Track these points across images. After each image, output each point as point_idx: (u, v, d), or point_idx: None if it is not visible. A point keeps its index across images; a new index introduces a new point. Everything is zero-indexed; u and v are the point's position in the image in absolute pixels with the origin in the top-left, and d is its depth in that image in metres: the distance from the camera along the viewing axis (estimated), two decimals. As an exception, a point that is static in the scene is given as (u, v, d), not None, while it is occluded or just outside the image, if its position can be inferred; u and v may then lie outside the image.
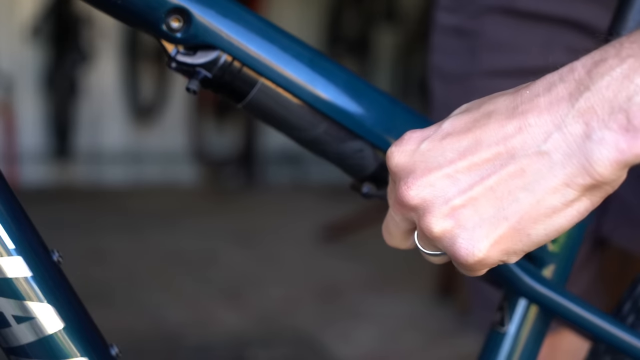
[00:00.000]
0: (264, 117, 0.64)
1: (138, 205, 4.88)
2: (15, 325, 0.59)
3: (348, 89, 0.64)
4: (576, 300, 0.66)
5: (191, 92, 0.61)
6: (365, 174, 0.66)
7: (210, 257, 3.75)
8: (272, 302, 3.13)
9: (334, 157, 0.65)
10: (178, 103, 5.67)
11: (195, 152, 5.67)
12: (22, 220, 0.60)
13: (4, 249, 0.58)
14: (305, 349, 2.65)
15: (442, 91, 1.06)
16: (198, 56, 0.61)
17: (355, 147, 0.65)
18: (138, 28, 0.62)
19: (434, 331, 2.86)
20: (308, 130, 0.64)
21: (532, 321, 0.69)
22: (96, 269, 3.42)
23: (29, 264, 0.59)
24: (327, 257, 3.83)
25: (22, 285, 0.59)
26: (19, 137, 5.27)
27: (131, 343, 2.57)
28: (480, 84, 1.00)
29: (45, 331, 0.59)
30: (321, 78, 0.63)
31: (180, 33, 0.60)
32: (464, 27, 1.02)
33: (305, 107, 0.63)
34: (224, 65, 0.61)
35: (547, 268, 0.69)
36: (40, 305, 0.59)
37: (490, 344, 0.71)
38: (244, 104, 0.63)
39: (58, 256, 0.61)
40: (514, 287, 0.67)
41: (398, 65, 6.31)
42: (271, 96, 0.63)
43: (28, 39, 5.25)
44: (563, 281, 0.70)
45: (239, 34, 0.61)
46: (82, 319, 0.61)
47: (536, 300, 0.67)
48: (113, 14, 0.61)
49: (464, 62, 1.02)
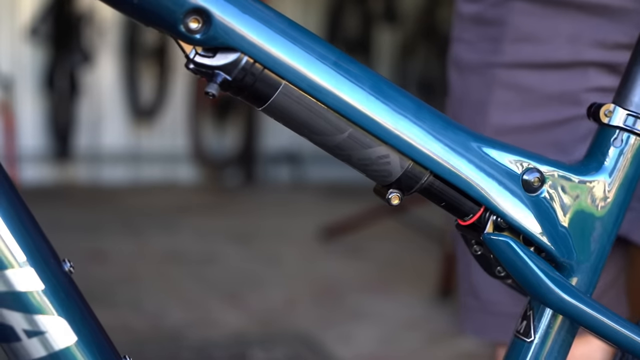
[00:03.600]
0: (286, 121, 0.62)
1: (138, 205, 4.87)
2: (26, 339, 0.56)
3: (374, 93, 0.61)
4: (603, 311, 0.65)
5: (210, 95, 0.58)
6: (390, 180, 0.63)
7: (210, 257, 3.75)
8: (272, 302, 3.13)
9: (358, 163, 0.63)
10: (178, 103, 5.67)
11: (195, 152, 5.67)
12: (33, 230, 0.57)
13: (15, 261, 0.56)
14: (305, 349, 2.65)
15: (460, 82, 1.03)
16: (217, 58, 0.58)
17: (380, 153, 0.62)
18: (155, 28, 0.59)
19: (434, 331, 2.86)
20: (332, 136, 0.61)
21: (558, 331, 0.67)
22: (96, 268, 3.42)
23: (41, 276, 0.56)
24: (327, 257, 3.83)
25: (33, 299, 0.56)
26: (18, 137, 5.26)
27: (131, 343, 2.57)
28: (501, 76, 0.97)
29: (57, 346, 0.57)
30: (346, 81, 0.60)
31: (199, 34, 0.57)
32: (486, 16, 0.98)
33: (329, 112, 0.60)
34: (244, 68, 0.58)
35: (575, 277, 0.67)
36: (52, 319, 0.57)
37: (514, 353, 0.69)
38: (265, 107, 0.61)
39: (70, 266, 0.59)
40: (541, 297, 0.65)
41: (398, 65, 6.31)
42: (294, 99, 0.60)
43: (28, 39, 5.25)
44: (590, 290, 0.68)
45: (261, 35, 0.58)
46: (95, 332, 0.59)
47: (563, 311, 0.65)
48: (129, 14, 0.58)
49: (484, 52, 0.99)
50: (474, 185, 0.64)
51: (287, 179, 5.90)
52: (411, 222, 4.13)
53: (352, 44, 6.04)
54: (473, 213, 0.66)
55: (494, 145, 0.65)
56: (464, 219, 0.66)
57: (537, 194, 0.65)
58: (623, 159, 0.67)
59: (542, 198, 0.65)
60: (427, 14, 6.18)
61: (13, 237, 0.56)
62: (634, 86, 0.66)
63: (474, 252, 0.69)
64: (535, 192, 0.65)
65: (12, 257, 0.56)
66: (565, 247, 0.66)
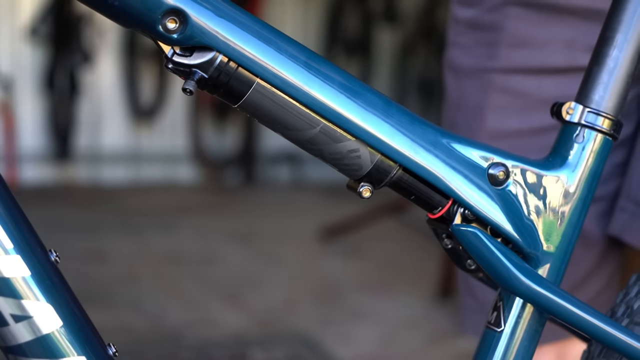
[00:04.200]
0: (260, 118, 0.65)
1: (138, 205, 4.88)
2: (14, 324, 0.59)
3: (343, 90, 0.64)
4: (571, 300, 0.66)
5: (187, 92, 0.62)
6: (361, 174, 0.66)
7: (210, 257, 3.75)
8: (272, 302, 3.13)
9: (330, 157, 0.66)
10: (178, 103, 5.67)
11: (195, 152, 5.67)
12: (20, 219, 0.60)
13: (2, 248, 0.58)
14: (305, 349, 2.65)
15: (456, 86, 1.04)
16: (194, 57, 0.62)
17: (351, 147, 0.65)
18: (134, 29, 0.62)
19: (434, 331, 2.86)
20: (304, 130, 0.64)
21: (528, 321, 0.69)
22: (96, 269, 3.42)
23: (28, 262, 0.59)
24: (326, 257, 3.83)
25: (20, 284, 0.59)
26: (18, 137, 5.27)
27: (131, 343, 2.57)
28: (497, 80, 0.98)
29: (43, 330, 0.59)
30: (317, 79, 0.63)
31: (176, 34, 0.61)
32: (482, 21, 0.99)
33: (301, 107, 0.63)
34: (219, 66, 0.62)
35: (543, 267, 0.69)
36: (38, 304, 0.59)
37: (485, 343, 0.72)
38: (240, 105, 0.64)
39: (55, 256, 0.62)
40: (509, 286, 0.67)
41: (398, 65, 6.31)
42: (267, 96, 0.63)
43: (28, 39, 5.25)
44: (558, 280, 0.70)
45: (234, 34, 0.62)
46: (80, 318, 0.61)
47: (531, 299, 0.67)
48: (109, 15, 0.61)
49: (480, 57, 1.00)
50: (442, 178, 0.66)
51: (287, 179, 5.90)
52: (411, 222, 4.13)
53: (352, 44, 6.04)
54: (442, 206, 0.68)
55: (460, 141, 0.67)
56: (434, 212, 0.69)
57: (503, 187, 0.68)
58: (585, 154, 0.69)
59: (508, 191, 0.68)
60: (427, 14, 6.18)
61: (0, 225, 0.58)
62: (594, 85, 0.69)
63: (444, 245, 0.72)
64: (501, 185, 0.68)
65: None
66: (532, 238, 0.69)
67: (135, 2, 0.59)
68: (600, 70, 0.69)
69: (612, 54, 0.69)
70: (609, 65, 0.69)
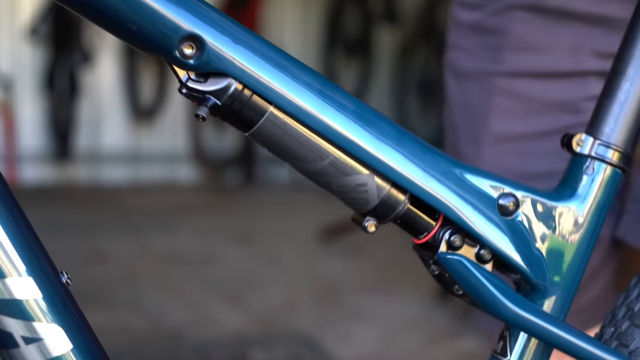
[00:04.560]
0: (270, 147, 0.65)
1: (138, 205, 4.88)
2: (24, 346, 0.59)
3: (357, 118, 0.64)
4: (561, 325, 0.67)
5: (200, 118, 0.61)
6: (367, 209, 0.67)
7: (210, 257, 3.75)
8: (271, 302, 3.13)
9: (337, 190, 0.66)
10: (178, 103, 5.67)
11: (195, 152, 5.67)
12: (32, 241, 0.60)
13: (15, 270, 0.58)
14: (305, 349, 2.65)
15: (458, 89, 1.03)
16: (209, 83, 0.61)
17: (359, 182, 0.65)
18: (150, 53, 0.62)
19: (434, 331, 2.86)
20: (313, 162, 0.64)
21: (533, 352, 0.70)
22: (96, 269, 3.42)
23: (40, 285, 0.59)
24: (326, 257, 3.83)
25: (31, 307, 0.58)
26: (18, 137, 5.27)
27: (131, 343, 2.57)
28: (502, 84, 0.98)
29: (53, 353, 0.59)
30: (330, 106, 0.63)
31: (192, 60, 0.60)
32: (486, 25, 0.99)
33: (312, 139, 0.64)
34: (234, 94, 0.62)
35: (550, 298, 0.69)
36: (49, 327, 0.59)
37: None
38: (252, 133, 0.63)
39: (67, 278, 0.61)
40: (495, 312, 0.67)
41: (398, 65, 6.31)
42: (279, 126, 0.63)
43: (28, 39, 5.25)
44: (565, 310, 0.70)
45: (251, 61, 0.61)
46: (90, 341, 0.61)
47: (519, 325, 0.67)
48: (126, 39, 0.61)
49: (484, 60, 0.99)
50: (452, 207, 0.67)
51: (287, 179, 5.90)
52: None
53: (352, 44, 6.04)
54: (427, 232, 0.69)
55: (471, 171, 0.68)
56: (419, 237, 0.69)
57: (513, 217, 0.68)
58: (595, 186, 0.70)
59: (517, 222, 0.68)
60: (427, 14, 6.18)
61: (13, 247, 0.58)
62: (604, 117, 0.70)
63: (431, 272, 0.72)
64: (511, 215, 0.68)
65: (12, 266, 0.58)
66: (540, 270, 0.69)
67: (153, 27, 0.59)
68: (611, 103, 0.70)
69: (624, 87, 0.70)
70: (620, 98, 0.70)
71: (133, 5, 0.59)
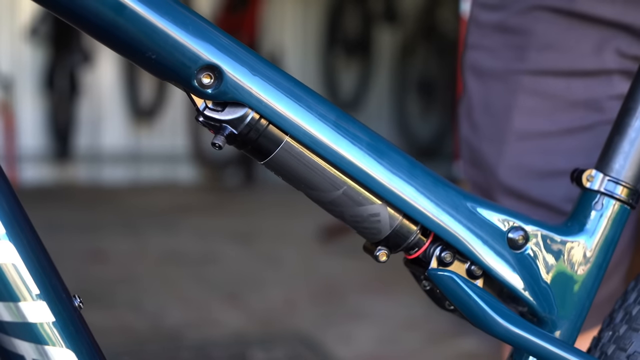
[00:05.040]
0: (285, 176, 0.66)
1: (138, 205, 4.88)
2: None
3: (370, 150, 0.65)
4: (553, 341, 0.67)
5: (216, 147, 0.62)
6: (379, 238, 0.67)
7: (210, 257, 3.75)
8: (271, 302, 3.13)
9: (350, 219, 0.67)
10: (178, 103, 5.67)
11: (195, 152, 5.67)
12: (47, 265, 0.60)
13: (30, 294, 0.59)
14: (305, 349, 2.65)
15: (480, 89, 1.04)
16: (226, 112, 0.62)
17: (372, 212, 0.66)
18: (169, 81, 0.62)
19: (434, 331, 2.86)
20: (327, 192, 0.65)
21: None
22: (96, 269, 3.42)
23: (53, 309, 0.59)
24: (327, 257, 3.83)
25: (44, 330, 0.59)
26: (18, 137, 5.27)
27: (131, 343, 2.57)
28: (526, 82, 0.98)
29: None
30: (345, 138, 0.64)
31: (210, 89, 0.61)
32: (509, 24, 0.99)
33: (326, 169, 0.64)
34: (250, 123, 0.62)
35: (556, 332, 0.70)
36: (61, 351, 0.59)
37: None
38: (267, 162, 0.65)
39: (79, 302, 0.62)
40: (486, 328, 0.68)
41: (398, 65, 6.31)
42: (294, 155, 0.64)
43: (28, 39, 5.25)
44: (573, 339, 0.71)
45: (267, 92, 0.62)
46: None
47: (510, 340, 0.68)
48: (146, 67, 0.62)
49: (507, 59, 1.00)
50: (462, 240, 0.67)
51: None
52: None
53: (352, 44, 6.05)
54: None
55: (481, 204, 0.69)
56: (410, 253, 0.69)
57: (521, 251, 0.69)
58: (603, 222, 0.71)
59: (526, 255, 0.69)
60: (427, 14, 6.18)
61: (28, 271, 0.59)
62: (615, 154, 0.71)
63: (423, 287, 0.72)
64: (520, 249, 0.69)
65: (26, 290, 0.59)
66: (547, 303, 0.70)
67: (172, 57, 0.60)
68: (621, 140, 0.71)
69: (634, 125, 0.71)
70: (631, 135, 0.71)
71: (154, 35, 0.59)
